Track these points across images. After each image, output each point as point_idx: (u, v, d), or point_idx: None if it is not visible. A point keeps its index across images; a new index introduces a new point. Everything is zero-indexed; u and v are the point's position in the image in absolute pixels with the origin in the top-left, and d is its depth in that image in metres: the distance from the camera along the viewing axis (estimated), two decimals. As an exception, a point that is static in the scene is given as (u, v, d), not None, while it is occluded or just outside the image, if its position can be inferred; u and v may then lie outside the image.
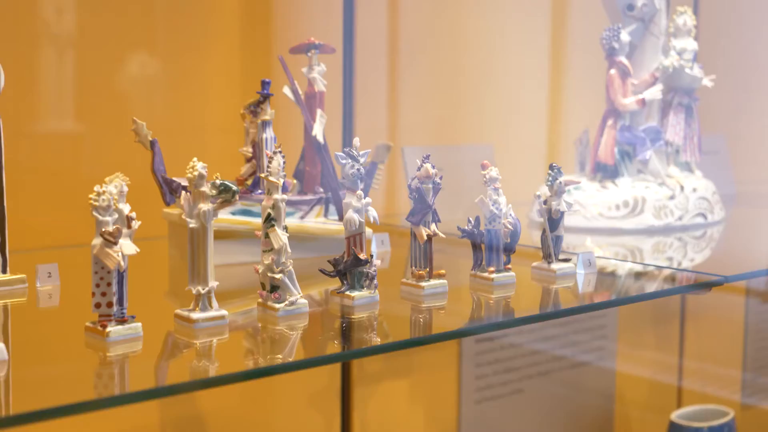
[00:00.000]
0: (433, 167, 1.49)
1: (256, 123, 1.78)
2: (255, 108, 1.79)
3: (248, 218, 1.75)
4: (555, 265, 1.63)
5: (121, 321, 1.22)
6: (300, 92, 1.85)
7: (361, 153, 1.43)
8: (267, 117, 1.78)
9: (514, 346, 2.72)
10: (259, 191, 1.78)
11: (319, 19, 2.28)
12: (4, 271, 1.50)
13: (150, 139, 1.65)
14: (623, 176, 2.20)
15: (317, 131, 1.84)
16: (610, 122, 2.21)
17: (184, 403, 2.10)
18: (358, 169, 1.42)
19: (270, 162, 1.34)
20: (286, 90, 1.84)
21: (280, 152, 1.35)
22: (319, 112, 1.85)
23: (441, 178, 1.51)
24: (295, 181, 1.86)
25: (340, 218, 1.84)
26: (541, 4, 2.64)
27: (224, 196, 1.27)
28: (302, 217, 1.80)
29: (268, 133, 1.78)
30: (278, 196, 1.34)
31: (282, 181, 1.35)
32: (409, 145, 2.30)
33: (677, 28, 2.32)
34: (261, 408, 2.25)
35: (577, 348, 2.88)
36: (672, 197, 2.17)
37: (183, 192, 1.27)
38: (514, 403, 2.73)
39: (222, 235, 1.70)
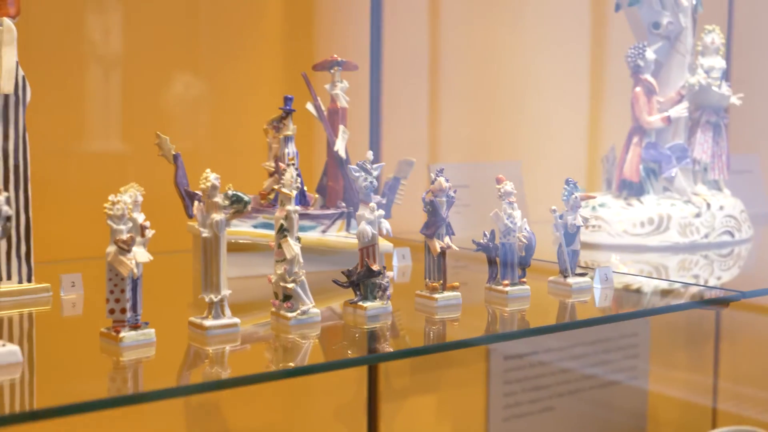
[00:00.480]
0: (447, 181, 1.51)
1: (279, 138, 1.82)
2: (277, 123, 1.82)
3: (270, 231, 1.77)
4: (571, 279, 1.64)
5: (135, 327, 1.25)
6: (323, 108, 1.88)
7: (374, 166, 1.45)
8: (289, 132, 1.81)
9: (543, 364, 2.72)
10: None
11: (347, 36, 2.32)
12: (29, 280, 1.55)
13: (173, 153, 1.69)
14: (649, 194, 2.20)
15: (339, 147, 1.87)
16: (635, 140, 2.21)
17: (212, 416, 2.14)
18: (371, 182, 1.44)
19: (283, 174, 1.37)
20: (309, 106, 1.87)
21: (294, 165, 1.38)
22: (341, 128, 1.89)
23: (455, 192, 1.53)
24: (317, 196, 1.89)
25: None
26: (569, 21, 2.65)
27: (236, 206, 1.30)
28: (324, 231, 1.83)
29: (290, 148, 1.82)
30: (291, 207, 1.37)
31: (295, 192, 1.37)
32: (436, 162, 2.33)
33: (705, 46, 2.32)
34: (288, 422, 2.28)
35: (608, 367, 2.87)
36: (698, 215, 2.17)
37: (196, 202, 1.30)
38: (544, 421, 2.73)
39: (243, 248, 1.74)
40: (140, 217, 1.26)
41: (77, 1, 2.00)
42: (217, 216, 1.30)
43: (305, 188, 1.87)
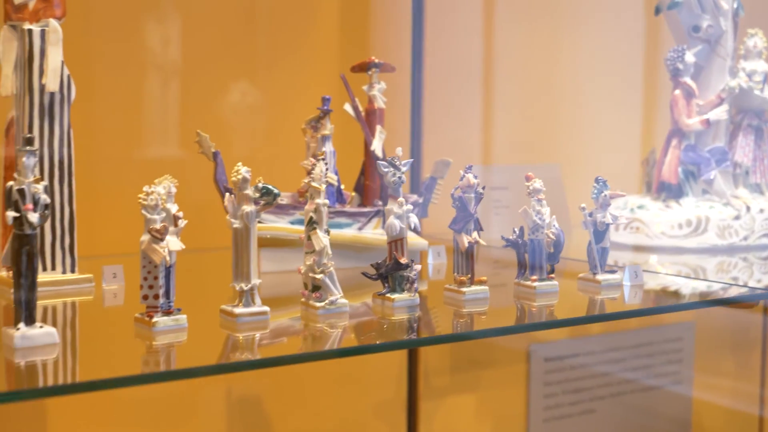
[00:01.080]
0: (476, 177, 1.54)
1: (317, 137, 1.86)
2: (315, 123, 1.87)
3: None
4: (600, 276, 1.66)
5: (168, 312, 1.30)
6: (361, 109, 1.92)
7: (403, 162, 1.49)
8: (327, 132, 1.86)
9: (584, 367, 2.73)
10: (318, 202, 1.86)
11: (390, 38, 2.36)
12: (73, 271, 1.61)
13: (213, 150, 1.75)
14: (688, 196, 2.21)
15: (376, 146, 1.91)
16: (674, 142, 2.22)
17: (253, 412, 2.19)
18: (399, 177, 1.48)
19: (312, 169, 1.42)
20: (347, 107, 1.92)
21: (323, 160, 1.43)
22: (378, 128, 1.93)
23: (484, 189, 1.56)
24: (354, 194, 1.93)
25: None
26: (609, 25, 2.66)
27: (266, 198, 1.35)
28: (360, 228, 1.87)
29: (328, 147, 1.86)
30: (320, 200, 1.41)
31: (324, 186, 1.42)
32: (476, 163, 2.35)
33: (747, 49, 2.32)
34: (329, 419, 2.32)
35: (651, 372, 2.87)
36: (737, 217, 2.17)
37: (227, 194, 1.35)
38: (584, 423, 2.73)
39: (280, 243, 1.78)
40: (173, 208, 1.31)
41: (138, 11, 2.07)
42: (248, 207, 1.34)
43: (342, 186, 1.91)
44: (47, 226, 1.58)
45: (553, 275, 1.62)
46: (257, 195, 1.35)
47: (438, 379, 2.48)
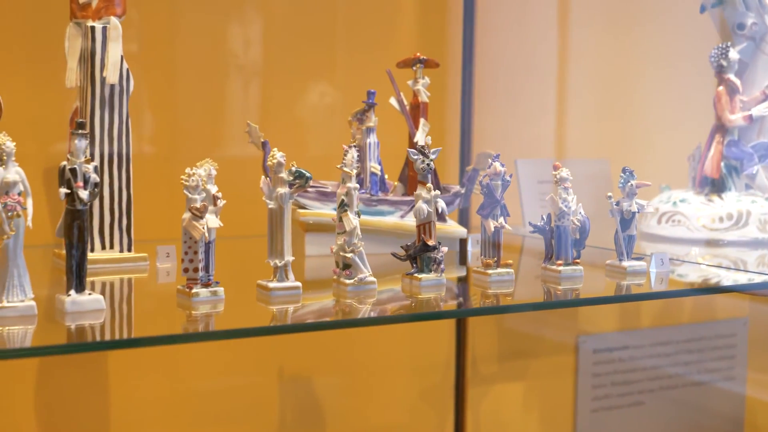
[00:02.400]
0: (502, 165, 1.63)
1: (362, 129, 1.97)
2: (361, 116, 1.97)
3: (351, 215, 1.92)
4: (626, 263, 1.72)
5: (206, 285, 1.42)
6: (405, 103, 2.02)
7: (432, 150, 1.58)
8: (371, 124, 1.96)
9: (633, 359, 2.77)
10: (362, 191, 1.96)
11: (442, 34, 2.45)
12: (129, 250, 1.74)
13: (262, 140, 1.86)
14: (730, 190, 2.25)
15: (420, 138, 2.00)
16: (717, 137, 2.26)
17: (301, 395, 2.29)
18: (428, 164, 1.57)
19: (345, 155, 1.52)
20: (393, 101, 2.02)
21: (355, 147, 1.53)
22: (422, 121, 2.02)
23: (510, 177, 1.64)
24: (397, 184, 2.03)
25: (439, 217, 2.00)
26: (657, 22, 2.71)
27: (299, 181, 1.45)
28: (402, 216, 1.96)
29: (372, 139, 1.97)
30: (351, 184, 1.51)
31: (354, 171, 1.52)
32: (525, 157, 2.43)
33: (794, 47, 2.35)
34: (377, 403, 2.41)
35: (702, 367, 2.89)
36: (780, 211, 2.20)
37: (263, 177, 1.46)
38: (633, 415, 2.78)
39: (324, 228, 1.89)
40: (213, 189, 1.43)
41: (221, 14, 2.20)
42: (282, 189, 1.45)
43: (386, 176, 2.01)
44: (106, 207, 1.72)
45: (578, 260, 1.69)
46: (291, 178, 1.45)
47: (486, 366, 2.56)
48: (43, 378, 1.97)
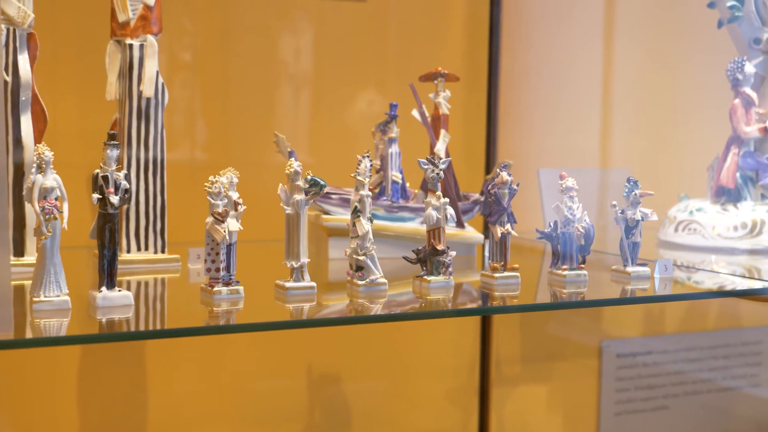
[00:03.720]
0: (509, 175, 1.72)
1: (384, 140, 2.08)
2: (384, 127, 2.09)
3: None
4: (630, 268, 1.81)
5: (227, 284, 1.53)
6: (427, 114, 2.13)
7: (441, 160, 1.69)
8: (393, 135, 2.07)
9: (657, 365, 2.84)
10: (384, 198, 2.07)
11: (468, 48, 2.56)
12: (163, 252, 1.87)
13: (288, 150, 1.99)
14: (746, 200, 2.32)
15: (440, 149, 2.11)
16: (733, 149, 2.33)
17: (327, 396, 2.41)
18: (438, 173, 1.68)
19: (358, 165, 1.63)
20: (415, 113, 2.13)
21: (368, 157, 1.63)
22: (443, 132, 2.12)
23: (518, 185, 1.74)
24: (418, 191, 2.13)
25: (457, 224, 2.11)
26: (676, 36, 2.78)
27: (314, 189, 1.56)
28: (422, 222, 2.06)
29: (394, 149, 2.08)
30: (364, 192, 1.62)
31: (367, 180, 1.63)
32: (548, 167, 2.52)
33: (810, 60, 2.41)
34: (403, 403, 2.52)
35: (727, 373, 2.95)
36: (794, 221, 2.26)
37: (280, 185, 1.58)
38: (657, 419, 2.85)
39: (347, 232, 1.99)
40: (234, 195, 1.55)
41: (274, 24, 2.33)
42: (299, 196, 1.56)
43: (407, 184, 2.11)
44: (142, 211, 1.85)
45: (583, 265, 1.78)
46: (306, 186, 1.56)
47: (509, 368, 2.65)
48: (83, 370, 2.11)
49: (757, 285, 1.90)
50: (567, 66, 2.69)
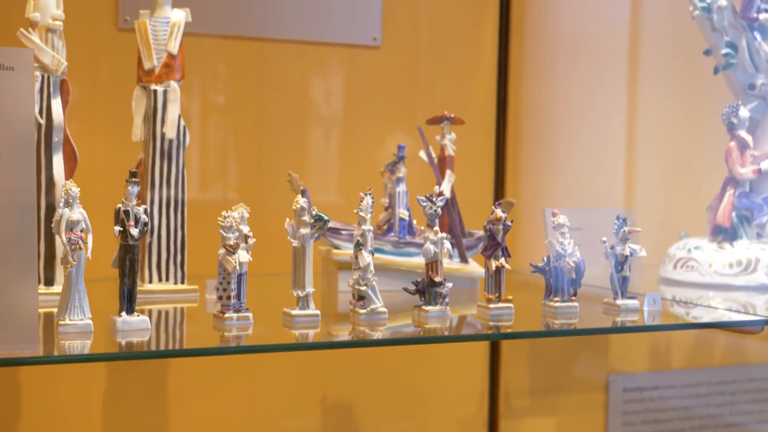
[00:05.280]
0: (503, 212, 1.84)
1: (392, 179, 2.21)
2: (392, 167, 2.22)
3: (381, 255, 2.15)
4: (620, 301, 1.92)
5: (238, 311, 1.66)
6: (434, 156, 2.26)
7: (439, 198, 1.81)
8: (401, 174, 2.20)
9: (663, 399, 2.93)
10: (392, 234, 2.20)
11: (476, 92, 2.69)
12: (183, 282, 2.01)
13: (301, 188, 2.12)
14: (742, 239, 2.42)
15: (445, 188, 2.24)
16: (729, 189, 2.44)
17: (338, 424, 2.52)
18: (435, 210, 1.80)
19: (361, 202, 1.76)
20: (422, 154, 2.26)
21: (370, 194, 1.76)
22: (448, 172, 2.25)
23: (512, 222, 1.86)
24: (424, 228, 2.25)
25: (461, 259, 2.23)
26: (676, 80, 2.90)
27: (318, 224, 1.69)
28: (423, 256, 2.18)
29: (401, 188, 2.21)
30: (366, 227, 1.75)
31: (369, 216, 1.75)
32: (552, 206, 2.63)
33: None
34: (411, 431, 2.62)
35: (735, 409, 3.02)
36: (788, 259, 2.36)
37: (287, 219, 1.71)
38: (664, 453, 2.92)
39: (356, 266, 2.12)
40: (245, 229, 1.68)
41: (302, 63, 2.49)
42: (305, 230, 1.69)
43: (414, 221, 2.24)
44: (163, 244, 1.99)
45: (574, 297, 1.89)
46: (311, 221, 1.69)
47: (518, 400, 2.75)
48: (105, 391, 2.24)
49: (744, 318, 1.99)
50: (572, 109, 2.82)
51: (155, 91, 1.98)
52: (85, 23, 2.14)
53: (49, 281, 1.89)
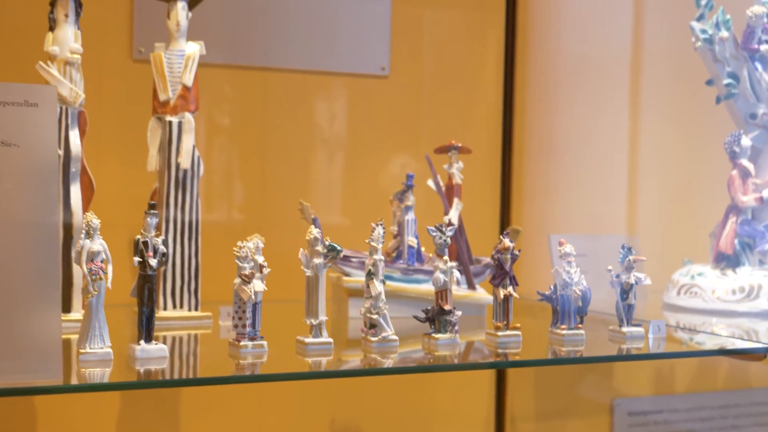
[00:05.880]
0: (511, 242, 1.89)
1: (401, 207, 2.25)
2: (401, 196, 2.26)
3: (390, 282, 2.17)
4: (625, 329, 1.96)
5: (253, 339, 1.70)
6: (441, 184, 2.30)
7: (448, 228, 1.86)
8: (409, 203, 2.25)
9: (668, 423, 2.96)
10: (401, 261, 2.24)
11: (483, 121, 2.74)
12: (196, 309, 2.05)
13: (312, 217, 2.16)
14: (744, 265, 2.46)
15: (453, 216, 2.28)
16: (732, 217, 2.48)
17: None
18: (444, 240, 1.84)
19: (372, 232, 1.80)
20: (430, 182, 2.30)
21: (381, 225, 1.81)
22: (455, 200, 2.30)
23: (519, 251, 1.90)
24: (432, 255, 2.29)
25: (469, 286, 2.27)
26: (680, 110, 2.95)
27: (331, 254, 1.74)
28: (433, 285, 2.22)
29: (410, 216, 2.25)
30: (377, 256, 1.79)
31: (380, 246, 1.80)
32: (558, 233, 2.67)
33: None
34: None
35: (738, 432, 3.05)
36: (790, 285, 2.40)
37: (301, 249, 1.75)
38: (668, 476, 2.95)
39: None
40: (260, 259, 1.72)
41: (310, 92, 2.54)
42: (317, 260, 1.74)
43: (422, 249, 2.28)
44: (177, 272, 2.03)
45: (581, 325, 1.93)
46: (324, 251, 1.74)
47: (524, 424, 2.79)
48: (121, 413, 2.28)
49: (747, 345, 2.03)
50: (577, 138, 2.87)
51: (170, 122, 2.03)
52: (101, 55, 2.19)
53: (66, 308, 1.92)
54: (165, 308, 2.02)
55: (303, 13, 2.55)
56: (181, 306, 2.04)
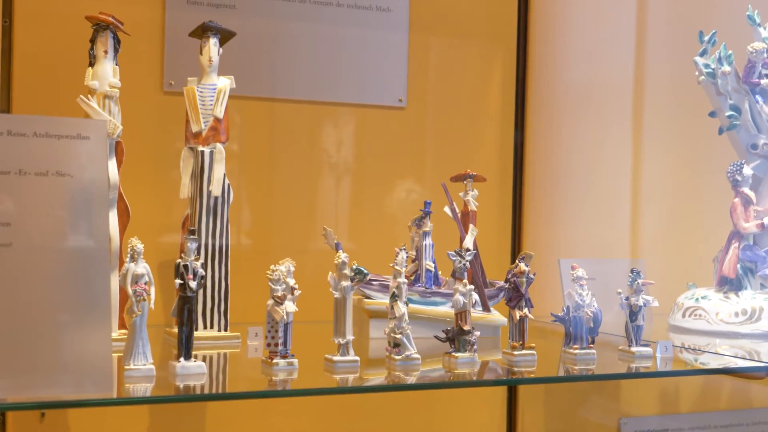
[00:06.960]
0: (527, 266, 2.00)
1: (419, 233, 2.36)
2: (419, 222, 2.37)
3: (409, 304, 2.29)
4: (634, 348, 2.06)
5: (284, 357, 1.81)
6: (457, 211, 2.41)
7: (467, 253, 1.97)
8: (427, 228, 2.36)
9: (673, 441, 3.05)
10: (419, 285, 2.35)
11: (497, 151, 2.86)
12: (225, 330, 2.15)
13: (335, 242, 2.27)
14: (746, 289, 2.57)
15: (468, 242, 2.39)
16: (734, 242, 2.59)
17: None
18: (464, 264, 1.95)
19: (396, 256, 1.91)
20: (446, 209, 2.41)
21: (404, 250, 1.92)
22: (471, 226, 2.40)
23: (534, 275, 2.01)
24: (449, 279, 2.40)
25: (484, 308, 2.37)
26: (690, 138, 3.06)
27: (358, 277, 1.85)
28: (452, 307, 2.33)
29: (427, 241, 2.36)
30: (401, 279, 1.90)
31: (403, 270, 1.91)
32: (568, 257, 2.78)
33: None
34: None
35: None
36: (790, 308, 2.50)
37: (330, 272, 1.86)
38: (673, 493, 3.04)
39: (386, 314, 2.26)
40: (291, 281, 1.83)
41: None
42: (345, 283, 1.85)
43: (439, 272, 2.39)
44: (208, 294, 2.14)
45: (592, 345, 2.04)
46: (352, 274, 1.85)
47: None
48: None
49: (749, 365, 2.13)
50: (588, 165, 2.98)
51: (202, 152, 2.14)
52: (134, 88, 2.30)
53: (104, 328, 2.03)
54: (196, 328, 2.12)
55: (327, 47, 2.67)
56: (212, 326, 2.15)
